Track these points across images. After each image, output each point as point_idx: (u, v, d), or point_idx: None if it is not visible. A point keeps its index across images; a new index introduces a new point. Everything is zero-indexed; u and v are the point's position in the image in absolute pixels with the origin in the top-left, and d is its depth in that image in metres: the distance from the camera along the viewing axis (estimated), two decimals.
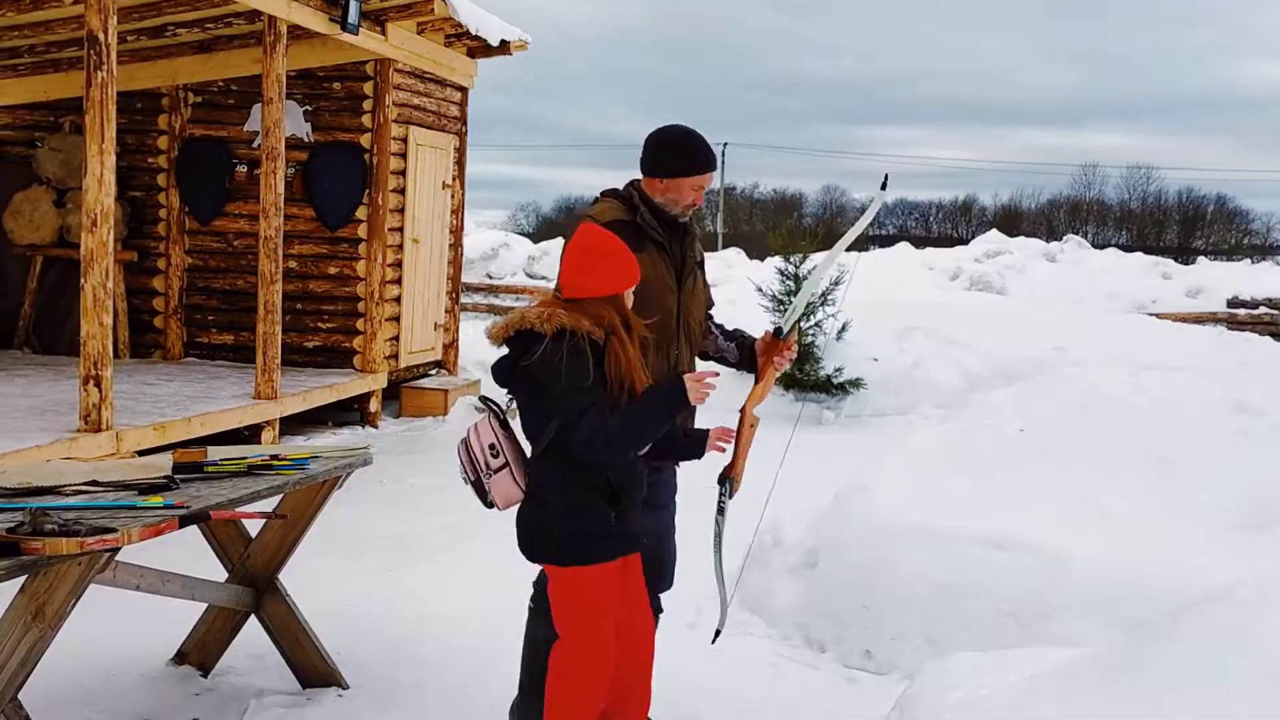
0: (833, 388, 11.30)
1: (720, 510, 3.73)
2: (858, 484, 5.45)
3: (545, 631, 3.63)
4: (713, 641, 3.99)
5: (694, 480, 4.13)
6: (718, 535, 3.82)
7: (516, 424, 3.50)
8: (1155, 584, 4.31)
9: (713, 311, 4.10)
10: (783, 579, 5.33)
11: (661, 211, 3.81)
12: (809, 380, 11.34)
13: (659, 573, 3.95)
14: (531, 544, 3.43)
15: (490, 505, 3.46)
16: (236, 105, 10.35)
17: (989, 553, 4.75)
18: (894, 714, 3.26)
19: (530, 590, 3.87)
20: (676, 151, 3.78)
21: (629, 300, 3.39)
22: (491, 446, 3.40)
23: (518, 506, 3.46)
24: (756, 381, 3.80)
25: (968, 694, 3.06)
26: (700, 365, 3.92)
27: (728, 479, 3.68)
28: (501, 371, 3.38)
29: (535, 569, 3.72)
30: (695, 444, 3.59)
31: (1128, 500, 4.96)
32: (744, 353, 3.97)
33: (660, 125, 3.86)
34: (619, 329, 3.31)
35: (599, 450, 3.26)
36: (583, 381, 3.22)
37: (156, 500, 3.32)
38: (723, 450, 3.62)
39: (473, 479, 3.45)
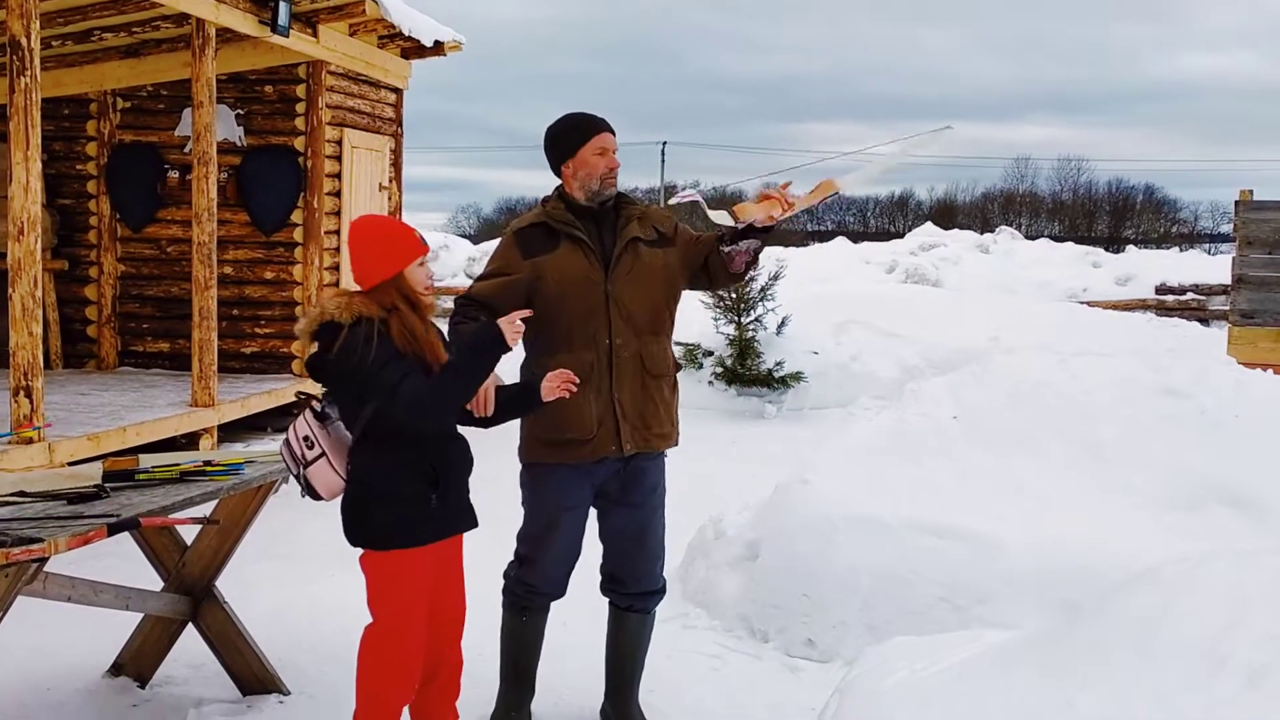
0: (774, 382, 11.37)
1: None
2: (798, 476, 5.50)
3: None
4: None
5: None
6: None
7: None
8: (1086, 566, 4.40)
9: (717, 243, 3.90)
10: (725, 571, 5.36)
11: (577, 204, 3.83)
12: (750, 375, 11.41)
13: (632, 569, 3.97)
14: (352, 528, 3.48)
15: (316, 497, 3.50)
16: (167, 110, 10.21)
17: (926, 540, 4.82)
18: (834, 700, 3.30)
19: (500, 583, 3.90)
20: (564, 130, 3.85)
21: (418, 275, 3.45)
22: (306, 439, 3.45)
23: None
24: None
25: (905, 678, 3.11)
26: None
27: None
28: (314, 366, 3.43)
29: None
30: (530, 396, 3.58)
31: (1059, 485, 5.06)
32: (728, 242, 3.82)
33: None
34: (399, 306, 3.38)
35: (430, 408, 3.31)
36: (389, 356, 3.30)
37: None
38: (571, 391, 3.53)
39: (294, 473, 3.49)
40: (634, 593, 4.01)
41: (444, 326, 3.67)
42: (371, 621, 3.50)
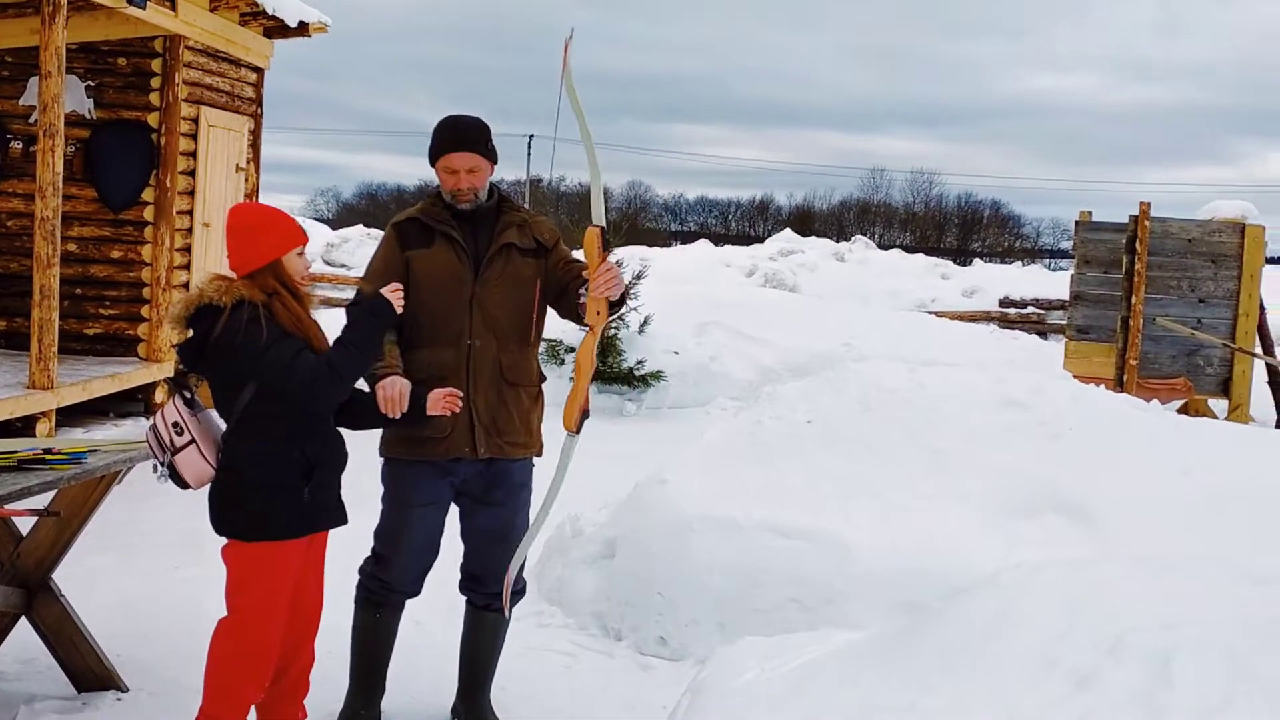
0: (634, 380, 11.46)
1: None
2: (656, 475, 5.57)
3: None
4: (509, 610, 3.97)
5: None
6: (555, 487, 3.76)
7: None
8: (930, 569, 4.57)
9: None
10: (581, 569, 5.39)
11: (451, 204, 3.82)
12: (611, 373, 11.47)
13: (492, 568, 3.94)
14: (220, 517, 3.44)
15: (183, 485, 3.44)
16: (12, 78, 9.72)
17: (777, 540, 4.93)
18: (685, 699, 3.36)
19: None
20: (433, 135, 3.83)
21: (296, 264, 3.46)
22: (175, 425, 3.41)
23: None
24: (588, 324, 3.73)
25: (754, 677, 3.18)
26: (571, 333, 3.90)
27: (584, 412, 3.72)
28: (189, 352, 3.39)
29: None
30: (415, 405, 3.58)
31: (906, 490, 5.23)
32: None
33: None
34: (280, 291, 3.39)
35: (323, 383, 3.31)
36: (278, 335, 3.31)
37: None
38: (455, 409, 3.60)
39: (160, 460, 3.43)
40: (493, 592, 4.00)
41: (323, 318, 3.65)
42: (228, 614, 3.43)
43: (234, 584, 3.43)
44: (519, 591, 4.09)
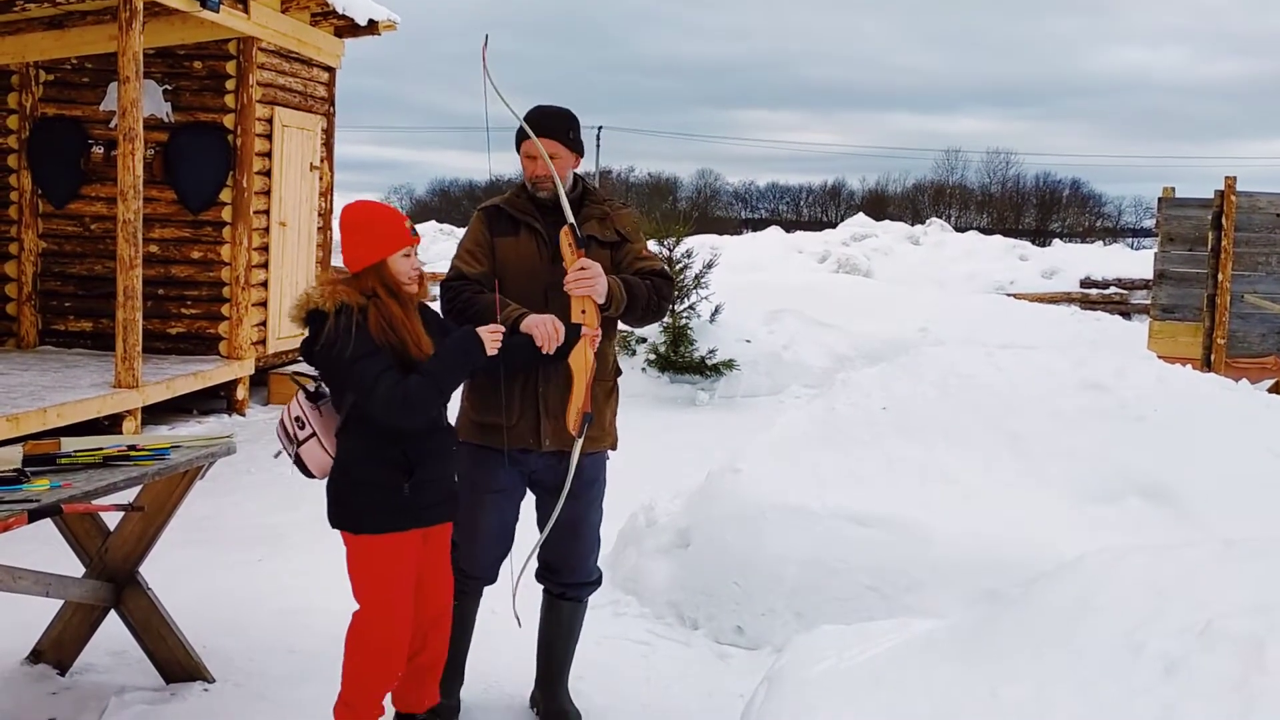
0: (706, 369, 11.44)
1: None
2: (729, 464, 5.54)
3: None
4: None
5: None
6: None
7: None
8: (1010, 556, 4.49)
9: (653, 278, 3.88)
10: (656, 559, 5.39)
11: (535, 195, 3.82)
12: (683, 362, 11.46)
13: (565, 559, 3.99)
14: (331, 510, 3.52)
15: (308, 475, 3.57)
16: (92, 84, 9.98)
17: (854, 529, 4.87)
18: (762, 688, 3.34)
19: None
20: (520, 123, 3.82)
21: (402, 266, 3.46)
22: (298, 419, 3.52)
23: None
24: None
25: (831, 666, 3.15)
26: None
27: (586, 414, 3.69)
28: (304, 351, 3.47)
29: None
30: (569, 341, 3.63)
31: (984, 476, 5.14)
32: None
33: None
34: (379, 293, 3.41)
35: (398, 412, 3.34)
36: (367, 350, 3.33)
37: (43, 483, 3.30)
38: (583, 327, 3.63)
39: (289, 452, 3.56)
40: (568, 582, 4.02)
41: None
42: (358, 607, 3.53)
43: (354, 578, 3.52)
44: (593, 583, 4.10)
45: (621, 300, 3.75)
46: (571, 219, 3.68)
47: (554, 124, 3.79)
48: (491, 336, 3.43)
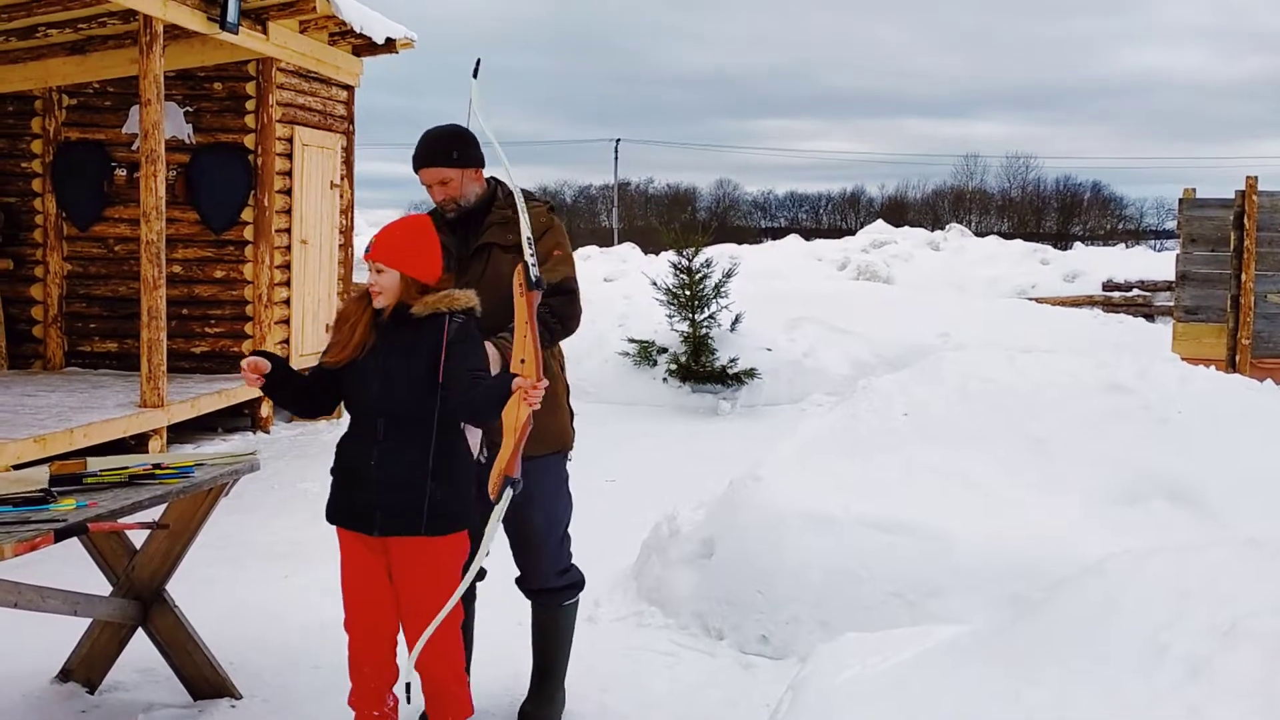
0: (728, 378, 11.44)
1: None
2: (751, 473, 5.54)
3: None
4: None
5: (589, 472, 4.17)
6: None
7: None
8: (1033, 561, 4.47)
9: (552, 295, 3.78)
10: (680, 568, 5.38)
11: (444, 214, 3.92)
12: (705, 372, 11.46)
13: (522, 565, 4.08)
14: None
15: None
16: (114, 107, 10.08)
17: (877, 536, 4.86)
18: (787, 696, 3.34)
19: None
20: (415, 149, 3.91)
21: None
22: None
23: None
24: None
25: (856, 673, 3.15)
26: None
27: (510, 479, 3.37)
28: None
29: None
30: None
31: (1007, 481, 5.12)
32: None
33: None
34: (350, 299, 3.65)
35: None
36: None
37: (69, 503, 3.35)
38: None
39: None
40: (533, 589, 4.10)
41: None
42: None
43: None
44: (561, 589, 4.08)
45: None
46: (528, 250, 3.47)
47: (435, 149, 3.86)
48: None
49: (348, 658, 3.61)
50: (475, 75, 3.64)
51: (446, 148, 3.86)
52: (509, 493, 3.34)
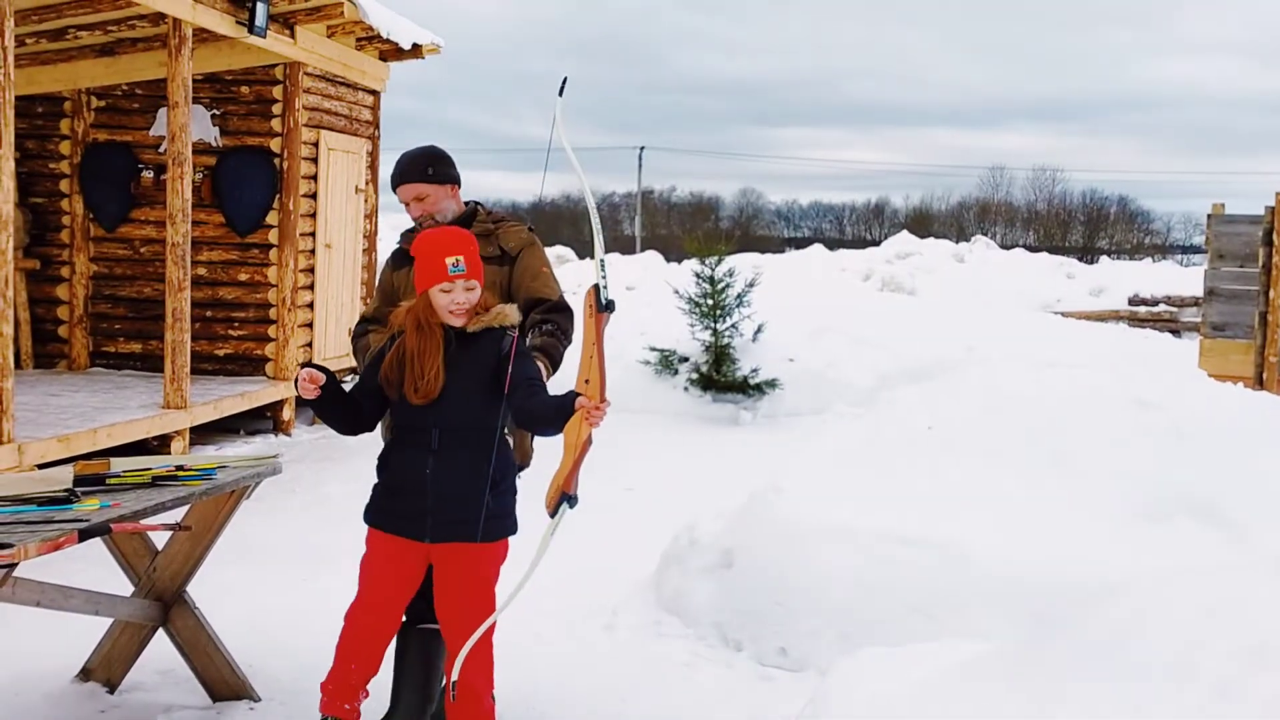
0: (749, 388, 11.41)
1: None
2: (772, 484, 5.51)
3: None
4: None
5: (607, 481, 4.15)
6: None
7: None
8: (1057, 577, 4.43)
9: (544, 310, 3.91)
10: (699, 579, 5.36)
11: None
12: (726, 381, 11.43)
13: None
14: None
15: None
16: (141, 109, 10.15)
17: (899, 549, 4.83)
18: (807, 711, 3.32)
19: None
20: (394, 167, 4.03)
21: (439, 299, 3.53)
22: None
23: None
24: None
25: (877, 689, 3.12)
26: None
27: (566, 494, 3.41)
28: None
29: None
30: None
31: (1031, 495, 5.08)
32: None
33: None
34: (409, 326, 3.57)
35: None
36: (365, 378, 3.65)
37: (93, 503, 3.35)
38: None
39: None
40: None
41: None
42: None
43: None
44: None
45: (552, 370, 3.79)
46: (601, 273, 3.47)
47: (411, 167, 3.99)
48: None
49: (338, 643, 3.66)
50: (561, 94, 3.65)
51: (422, 165, 4.00)
52: (564, 508, 3.39)
